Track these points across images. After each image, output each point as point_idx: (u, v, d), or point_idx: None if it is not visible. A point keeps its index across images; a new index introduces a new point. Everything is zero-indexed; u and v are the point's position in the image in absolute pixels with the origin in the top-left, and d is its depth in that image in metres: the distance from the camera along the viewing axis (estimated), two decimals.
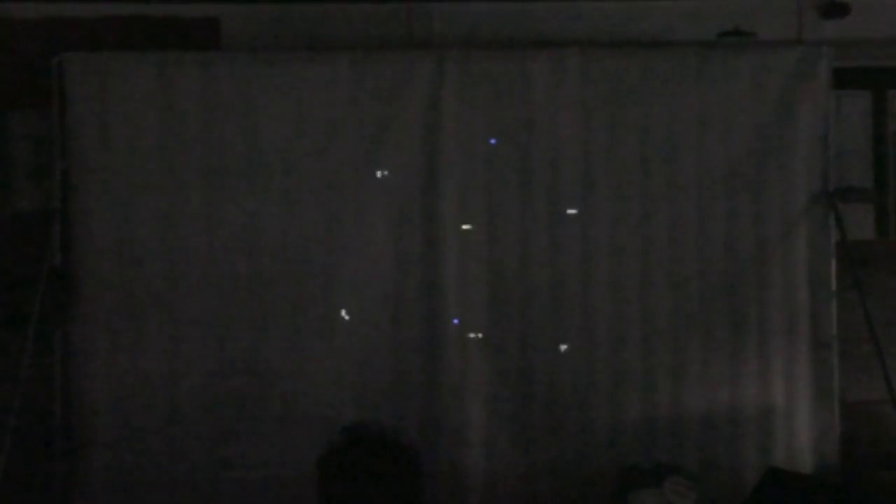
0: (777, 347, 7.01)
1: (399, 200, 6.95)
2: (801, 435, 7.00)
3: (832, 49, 7.12)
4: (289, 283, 6.89)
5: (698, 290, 7.01)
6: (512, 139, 6.97)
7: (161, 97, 6.91)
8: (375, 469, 6.56)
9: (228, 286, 6.88)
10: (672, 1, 7.88)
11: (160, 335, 6.86)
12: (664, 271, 7.00)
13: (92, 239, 6.86)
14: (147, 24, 7.66)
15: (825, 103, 7.08)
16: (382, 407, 6.84)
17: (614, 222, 7.00)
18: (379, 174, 6.93)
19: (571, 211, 6.95)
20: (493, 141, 6.91)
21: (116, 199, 6.88)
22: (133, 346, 6.84)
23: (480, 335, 6.93)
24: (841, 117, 7.87)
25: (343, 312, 6.90)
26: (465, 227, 6.94)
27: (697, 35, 7.69)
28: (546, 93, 6.99)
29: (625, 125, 7.02)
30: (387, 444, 6.71)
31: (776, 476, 6.49)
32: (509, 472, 6.93)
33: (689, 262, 7.01)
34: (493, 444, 6.93)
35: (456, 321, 6.88)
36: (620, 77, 7.02)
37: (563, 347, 6.92)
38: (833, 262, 7.04)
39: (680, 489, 6.40)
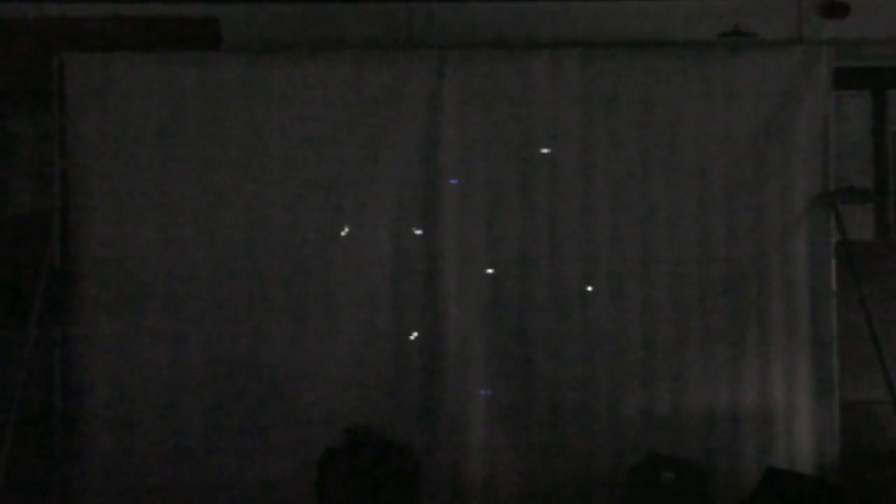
0: (777, 347, 7.00)
1: (399, 200, 6.95)
2: (801, 435, 7.00)
3: (832, 49, 7.13)
4: (289, 283, 6.89)
5: (698, 290, 7.01)
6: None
7: (161, 97, 6.91)
8: (375, 470, 6.58)
9: (228, 286, 6.88)
10: (672, 1, 7.89)
11: (160, 334, 6.86)
12: (664, 271, 7.00)
13: (92, 238, 6.87)
14: (147, 24, 7.67)
15: (825, 103, 7.08)
16: (382, 407, 6.85)
17: (614, 222, 7.00)
18: (379, 174, 6.94)
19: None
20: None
21: (116, 199, 6.88)
22: (133, 344, 6.84)
23: (480, 335, 6.94)
24: (841, 117, 7.87)
25: (343, 312, 6.91)
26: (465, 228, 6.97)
27: (697, 35, 7.70)
28: (546, 93, 6.99)
29: (625, 125, 7.02)
30: (387, 445, 6.72)
31: (776, 476, 6.49)
32: (509, 472, 6.93)
33: (689, 262, 7.01)
34: (493, 444, 6.93)
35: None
36: (620, 77, 7.02)
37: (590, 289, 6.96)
38: (833, 262, 7.04)
39: None
